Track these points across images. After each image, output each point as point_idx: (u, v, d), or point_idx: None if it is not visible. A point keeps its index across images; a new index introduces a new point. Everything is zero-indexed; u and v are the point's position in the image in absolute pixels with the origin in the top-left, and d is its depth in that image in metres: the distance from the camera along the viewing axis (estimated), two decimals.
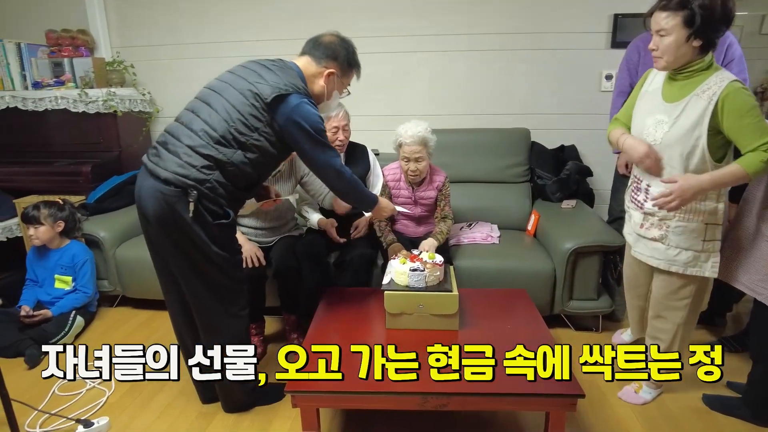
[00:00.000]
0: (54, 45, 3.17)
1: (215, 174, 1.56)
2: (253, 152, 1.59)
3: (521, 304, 2.07)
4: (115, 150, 3.14)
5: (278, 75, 1.60)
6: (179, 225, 1.56)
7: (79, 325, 2.50)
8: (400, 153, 2.36)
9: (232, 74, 1.66)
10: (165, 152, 1.57)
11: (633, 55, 2.41)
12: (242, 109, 1.56)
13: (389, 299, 1.82)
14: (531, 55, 3.10)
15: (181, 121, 1.62)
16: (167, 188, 1.53)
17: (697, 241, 1.69)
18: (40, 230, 2.50)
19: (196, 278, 1.66)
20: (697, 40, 1.53)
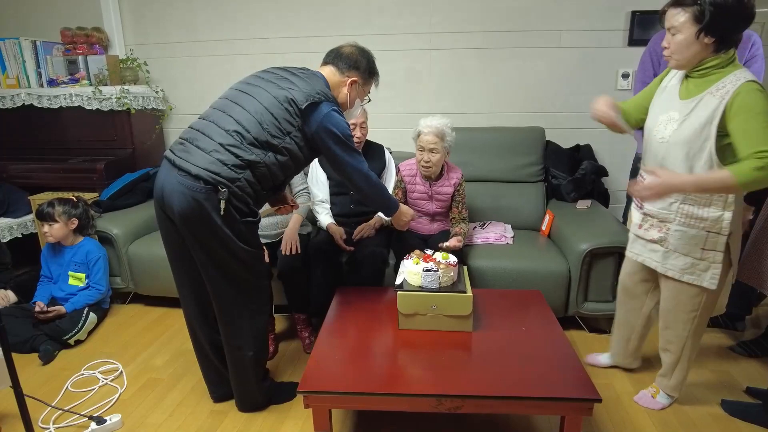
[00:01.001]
0: (69, 43, 3.19)
1: (246, 173, 1.58)
2: (283, 155, 1.63)
3: (536, 305, 2.04)
4: (129, 147, 3.16)
5: (308, 82, 1.66)
6: (207, 222, 1.56)
7: (92, 322, 2.51)
8: (417, 143, 2.38)
9: (261, 78, 1.69)
10: (194, 148, 1.57)
11: (657, 46, 2.35)
12: (276, 112, 1.60)
13: (402, 299, 1.80)
14: (546, 53, 3.06)
15: (211, 119, 1.62)
16: (197, 185, 1.53)
17: (696, 248, 1.63)
18: (54, 227, 2.51)
19: (220, 275, 1.66)
20: (708, 37, 1.46)
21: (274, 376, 2.07)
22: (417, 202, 2.52)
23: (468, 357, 1.70)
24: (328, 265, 2.37)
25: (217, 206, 1.54)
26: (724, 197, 1.54)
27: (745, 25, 1.46)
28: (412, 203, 2.54)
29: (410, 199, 2.53)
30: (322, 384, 1.53)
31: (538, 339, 1.78)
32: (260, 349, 1.83)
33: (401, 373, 1.61)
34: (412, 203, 2.54)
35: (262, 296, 1.81)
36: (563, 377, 1.56)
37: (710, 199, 1.57)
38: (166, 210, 1.63)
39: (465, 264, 2.29)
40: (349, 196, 2.54)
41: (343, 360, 1.67)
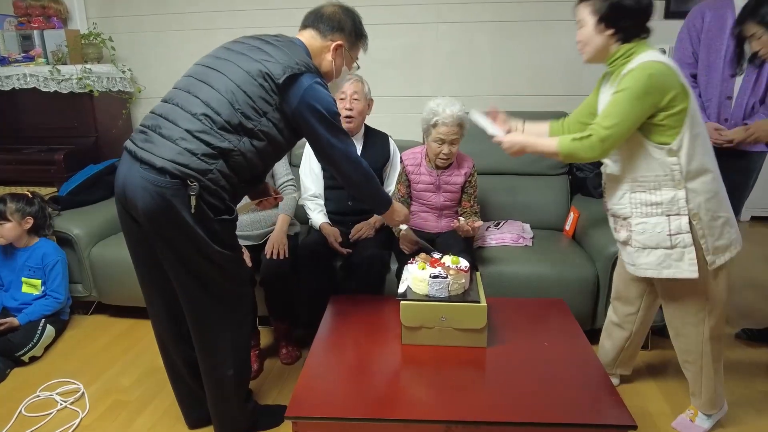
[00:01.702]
0: (23, 15, 3.17)
1: (218, 163, 1.52)
2: (260, 140, 1.57)
3: (559, 316, 2.02)
4: (92, 135, 3.13)
5: (285, 52, 1.59)
6: (176, 222, 1.51)
7: (49, 336, 2.48)
8: (433, 133, 2.34)
9: (231, 50, 1.63)
10: (158, 137, 1.52)
11: (697, 20, 2.36)
12: (249, 90, 1.54)
13: (406, 310, 1.77)
14: (570, 28, 3.00)
15: (175, 102, 1.57)
16: (163, 179, 1.48)
17: (662, 236, 1.69)
18: (6, 227, 2.48)
19: (193, 282, 1.62)
20: (608, 29, 1.64)
21: (259, 398, 2.04)
22: (422, 195, 2.49)
23: (482, 377, 1.68)
24: (320, 271, 2.35)
25: (186, 203, 1.49)
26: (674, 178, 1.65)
27: (643, 17, 1.64)
28: (417, 196, 2.51)
29: (415, 192, 2.50)
30: (314, 408, 1.50)
31: (563, 356, 1.75)
32: (242, 367, 1.80)
33: (404, 396, 1.58)
34: (417, 196, 2.51)
35: (243, 306, 1.77)
36: (592, 400, 1.53)
37: (659, 182, 1.66)
38: (129, 209, 1.59)
39: (477, 269, 2.26)
40: (345, 191, 2.52)
41: (337, 380, 1.64)
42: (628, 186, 1.72)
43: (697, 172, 1.65)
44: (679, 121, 1.60)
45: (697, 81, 2.38)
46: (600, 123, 1.61)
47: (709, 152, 1.68)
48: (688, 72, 2.39)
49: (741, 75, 2.25)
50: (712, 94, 2.33)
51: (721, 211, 1.70)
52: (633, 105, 1.57)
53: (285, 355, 2.39)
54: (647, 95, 1.56)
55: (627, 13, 1.61)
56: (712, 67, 2.32)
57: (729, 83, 2.29)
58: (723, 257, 1.71)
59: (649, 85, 1.56)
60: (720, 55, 2.29)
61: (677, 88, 1.58)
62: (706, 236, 1.69)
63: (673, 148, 1.62)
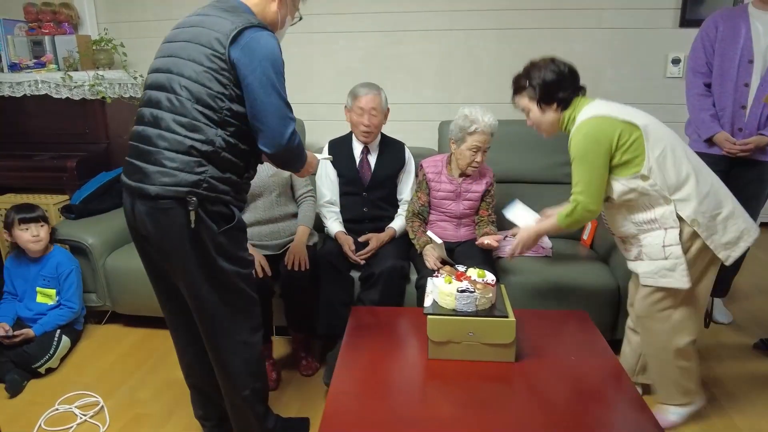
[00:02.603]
0: (33, 21, 3.14)
1: (208, 169, 1.46)
2: (231, 125, 1.48)
3: (583, 329, 2.00)
4: (103, 142, 3.10)
5: (223, 18, 1.48)
6: (184, 241, 1.48)
7: (65, 347, 2.46)
8: (469, 141, 2.35)
9: (176, 42, 1.52)
10: (144, 165, 1.47)
11: (711, 30, 2.38)
12: (202, 77, 1.44)
13: (433, 325, 1.75)
14: (585, 35, 3.02)
15: (145, 120, 1.50)
16: (161, 203, 1.45)
17: (658, 248, 1.79)
18: (44, 229, 2.49)
19: (203, 301, 1.59)
20: (548, 106, 1.87)
21: (280, 410, 2.02)
22: (442, 203, 2.49)
23: (511, 393, 1.66)
24: (338, 281, 2.34)
25: (187, 220, 1.45)
26: (660, 196, 1.76)
27: (570, 82, 1.85)
28: (437, 204, 2.51)
29: (434, 200, 2.50)
30: (346, 428, 1.48)
31: (592, 371, 1.74)
32: (258, 385, 1.76)
33: (436, 414, 1.55)
34: (437, 204, 2.51)
35: (254, 320, 1.72)
36: (626, 419, 1.52)
37: (650, 203, 1.78)
38: (141, 232, 1.56)
39: (498, 280, 2.25)
40: (361, 197, 2.51)
41: (367, 398, 1.61)
42: (626, 211, 1.85)
43: (678, 184, 1.75)
44: (637, 150, 1.74)
45: (711, 90, 2.39)
46: (576, 192, 1.81)
47: (682, 161, 1.76)
48: (702, 81, 2.41)
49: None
50: (726, 104, 2.34)
51: (719, 207, 1.77)
52: (588, 164, 1.76)
53: (305, 366, 2.38)
54: (593, 151, 1.74)
55: (556, 86, 1.84)
56: (726, 77, 2.33)
57: (743, 92, 2.30)
58: (738, 248, 1.78)
59: (588, 143, 1.75)
60: (734, 64, 2.30)
61: (618, 128, 1.73)
62: (711, 236, 1.76)
63: (644, 173, 1.74)
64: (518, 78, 1.94)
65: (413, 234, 2.47)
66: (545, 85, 1.85)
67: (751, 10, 2.29)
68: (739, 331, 2.65)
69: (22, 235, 2.46)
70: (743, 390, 2.20)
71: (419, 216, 2.53)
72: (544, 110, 1.89)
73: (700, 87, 2.39)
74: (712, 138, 2.37)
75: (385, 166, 2.55)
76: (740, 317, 2.76)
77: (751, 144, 2.26)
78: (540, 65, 1.89)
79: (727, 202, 1.80)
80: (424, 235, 2.43)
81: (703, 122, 2.37)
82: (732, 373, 2.31)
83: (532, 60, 1.93)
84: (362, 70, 3.11)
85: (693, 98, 2.42)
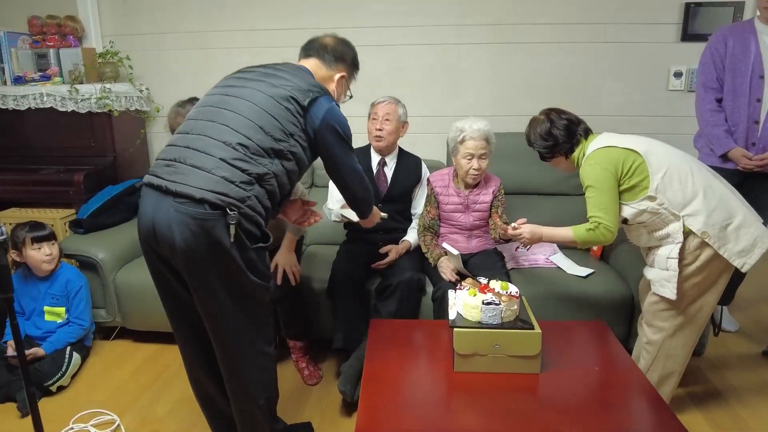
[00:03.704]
0: (38, 33, 3.12)
1: (255, 189, 1.51)
2: (289, 160, 1.60)
3: (603, 339, 2.02)
4: (109, 155, 3.08)
5: (299, 77, 1.65)
6: (215, 253, 1.48)
7: (76, 364, 2.42)
8: (461, 150, 2.39)
9: (243, 78, 1.65)
10: (189, 168, 1.49)
11: (720, 46, 2.40)
12: (276, 113, 1.56)
13: (460, 338, 1.75)
14: (589, 49, 3.07)
15: (199, 132, 1.54)
16: (203, 210, 1.44)
17: (664, 259, 1.90)
18: (56, 247, 2.47)
19: (225, 315, 1.58)
20: (556, 157, 2.05)
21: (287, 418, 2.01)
22: (452, 216, 2.50)
23: (538, 404, 1.67)
24: (355, 294, 2.34)
25: (226, 233, 1.47)
26: (670, 213, 1.86)
27: (569, 132, 2.00)
28: (446, 217, 2.52)
29: (444, 213, 2.51)
30: None
31: (616, 381, 1.75)
32: (272, 393, 1.79)
33: (467, 427, 1.56)
34: (446, 217, 2.52)
35: (269, 331, 1.75)
36: (654, 428, 1.53)
37: (664, 221, 1.87)
38: (158, 245, 1.54)
39: None
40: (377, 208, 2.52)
41: (397, 412, 1.61)
42: (644, 229, 1.95)
43: (685, 201, 1.84)
44: (642, 174, 1.86)
45: (723, 105, 2.42)
46: (595, 216, 1.91)
47: (687, 178, 1.85)
48: (713, 96, 2.43)
49: None
50: (740, 119, 2.36)
51: (731, 217, 1.84)
52: (601, 189, 1.89)
53: (308, 375, 2.37)
54: (603, 177, 1.88)
55: (555, 147, 2.02)
56: (738, 92, 2.35)
57: (756, 107, 2.32)
58: (753, 255, 1.85)
59: (597, 171, 1.89)
60: (746, 79, 2.32)
61: (621, 155, 1.88)
62: (724, 245, 1.83)
63: (651, 194, 1.85)
64: (527, 133, 2.12)
65: (426, 248, 2.48)
66: (540, 145, 2.05)
67: (757, 25, 2.33)
68: (746, 339, 2.69)
69: (34, 255, 2.41)
70: (758, 398, 2.23)
71: (430, 229, 2.54)
72: (555, 160, 2.08)
73: (712, 102, 2.41)
74: (726, 154, 2.39)
75: (401, 180, 2.58)
76: (746, 325, 2.81)
77: (767, 159, 2.30)
78: (537, 122, 2.06)
79: (738, 211, 1.86)
80: (437, 248, 2.45)
81: (718, 138, 2.40)
82: (745, 382, 2.34)
83: (533, 118, 2.11)
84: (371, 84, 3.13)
85: (705, 114, 2.44)
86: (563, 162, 2.08)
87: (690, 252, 1.87)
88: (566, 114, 2.05)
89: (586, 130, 2.05)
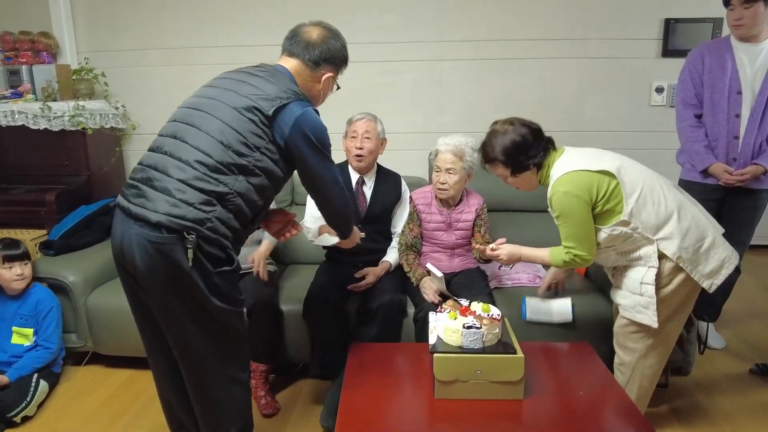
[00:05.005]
0: (10, 50, 3.07)
1: (216, 210, 1.45)
2: (256, 175, 1.51)
3: (587, 361, 1.96)
4: (83, 174, 3.01)
5: (271, 82, 1.54)
6: (174, 278, 1.43)
7: (43, 392, 2.32)
8: (434, 163, 2.39)
9: (215, 88, 1.58)
10: (151, 190, 1.44)
11: (697, 63, 2.41)
12: (239, 126, 1.48)
13: (440, 363, 1.69)
14: (573, 65, 3.06)
15: (164, 150, 1.49)
16: (159, 234, 1.40)
17: (637, 283, 1.83)
18: (29, 267, 2.41)
19: (190, 338, 1.53)
20: (521, 172, 1.88)
21: None
22: (434, 234, 2.46)
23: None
24: (332, 316, 2.26)
25: (185, 257, 1.41)
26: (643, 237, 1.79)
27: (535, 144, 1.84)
28: (429, 236, 2.47)
29: (425, 231, 2.47)
30: None
31: (601, 406, 1.71)
32: (245, 423, 1.71)
33: None
34: (429, 236, 2.47)
35: (242, 358, 1.68)
36: None
37: (636, 245, 1.81)
38: (127, 267, 1.51)
39: None
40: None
41: None
42: (614, 252, 1.88)
43: (659, 223, 1.78)
44: (617, 198, 1.77)
45: (703, 121, 2.42)
46: (568, 247, 1.83)
47: (661, 200, 1.79)
48: (692, 113, 2.43)
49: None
50: (719, 134, 2.36)
51: (702, 239, 1.80)
52: (573, 219, 1.78)
53: (265, 405, 2.25)
54: (575, 206, 1.76)
55: (524, 153, 1.84)
56: (716, 108, 2.36)
57: (735, 123, 2.33)
58: (720, 276, 1.82)
59: (568, 200, 1.77)
60: (724, 96, 2.33)
61: (594, 180, 1.76)
62: (695, 268, 1.80)
63: (625, 219, 1.76)
64: (484, 148, 1.93)
65: (408, 267, 2.42)
66: (511, 155, 1.85)
67: (733, 42, 2.34)
68: (733, 356, 2.65)
69: (4, 273, 2.34)
70: (745, 416, 2.19)
71: (413, 248, 2.48)
72: (518, 175, 1.90)
73: (691, 119, 2.42)
74: (707, 169, 2.39)
75: (380, 199, 2.51)
76: (733, 342, 2.77)
77: (747, 174, 2.29)
78: (501, 132, 1.88)
79: (708, 231, 1.83)
80: (420, 268, 2.39)
81: (698, 153, 2.40)
82: (732, 400, 2.30)
83: (493, 127, 1.92)
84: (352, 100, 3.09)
85: (685, 130, 2.44)
86: (529, 178, 1.91)
87: (665, 276, 1.81)
88: (528, 121, 1.90)
89: (551, 141, 1.92)
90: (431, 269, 2.25)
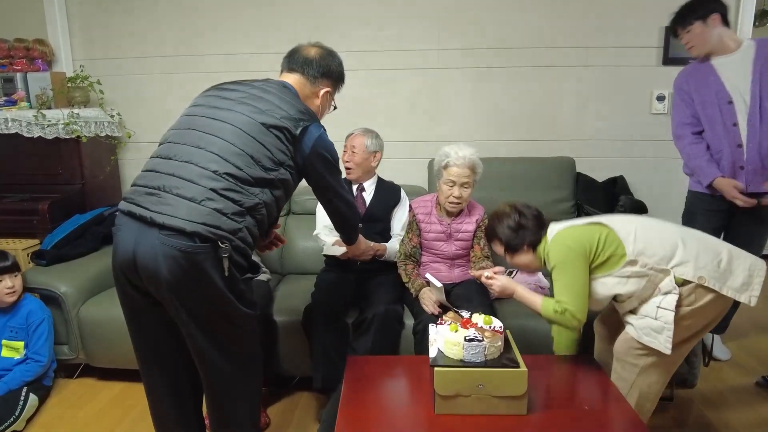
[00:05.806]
0: (5, 57, 3.04)
1: (246, 220, 1.48)
2: (278, 188, 1.57)
3: (592, 374, 1.91)
4: (77, 182, 2.97)
5: (285, 100, 1.60)
6: (206, 287, 1.42)
7: (32, 406, 2.27)
8: (444, 176, 2.32)
9: (227, 99, 1.58)
10: (175, 198, 1.41)
11: (683, 85, 2.45)
12: (265, 140, 1.52)
13: (441, 378, 1.64)
14: (573, 73, 3.04)
15: (183, 158, 1.47)
16: (192, 243, 1.38)
17: (653, 307, 1.75)
18: (18, 279, 2.36)
19: (218, 351, 1.53)
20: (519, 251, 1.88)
21: None
22: (433, 244, 2.42)
23: None
24: (333, 329, 2.22)
25: (218, 266, 1.42)
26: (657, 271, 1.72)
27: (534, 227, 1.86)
28: (428, 246, 2.43)
29: (425, 241, 2.43)
30: None
31: (606, 421, 1.65)
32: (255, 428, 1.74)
33: None
34: (428, 246, 2.43)
35: (258, 368, 1.69)
36: None
37: (653, 284, 1.73)
38: (139, 278, 1.45)
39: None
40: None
41: None
42: (636, 300, 1.79)
43: (668, 254, 1.72)
44: (614, 242, 1.74)
45: (704, 136, 2.41)
46: (562, 301, 1.74)
47: (662, 231, 1.77)
48: (690, 131, 2.43)
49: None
50: (722, 145, 2.35)
51: (718, 255, 1.73)
52: (570, 270, 1.74)
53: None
54: (573, 255, 1.74)
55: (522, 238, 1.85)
56: (713, 121, 2.36)
57: (734, 132, 2.31)
58: (754, 286, 1.72)
59: (565, 249, 1.75)
60: (715, 109, 2.34)
61: (586, 231, 1.77)
62: (725, 284, 1.70)
63: (632, 258, 1.71)
64: (487, 230, 1.98)
65: (407, 277, 2.37)
66: (511, 240, 1.88)
67: (712, 60, 2.35)
68: (739, 369, 2.61)
69: None
70: (751, 430, 2.14)
71: (412, 258, 2.44)
72: (519, 255, 1.90)
73: (690, 136, 2.42)
74: (712, 183, 2.37)
75: (380, 203, 2.54)
76: (739, 354, 2.73)
77: (753, 202, 2.28)
78: (502, 217, 1.91)
79: (720, 246, 1.78)
80: (419, 278, 2.34)
81: (702, 168, 2.38)
82: (738, 413, 2.25)
83: (495, 211, 1.96)
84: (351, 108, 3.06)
85: (687, 149, 2.44)
86: (528, 256, 1.90)
87: (684, 298, 1.73)
88: (530, 206, 1.93)
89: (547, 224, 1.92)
90: (431, 279, 2.20)
